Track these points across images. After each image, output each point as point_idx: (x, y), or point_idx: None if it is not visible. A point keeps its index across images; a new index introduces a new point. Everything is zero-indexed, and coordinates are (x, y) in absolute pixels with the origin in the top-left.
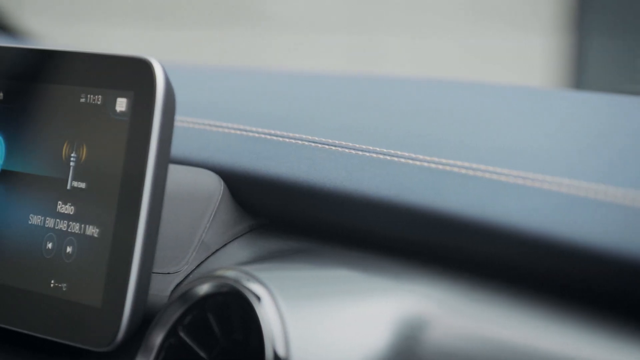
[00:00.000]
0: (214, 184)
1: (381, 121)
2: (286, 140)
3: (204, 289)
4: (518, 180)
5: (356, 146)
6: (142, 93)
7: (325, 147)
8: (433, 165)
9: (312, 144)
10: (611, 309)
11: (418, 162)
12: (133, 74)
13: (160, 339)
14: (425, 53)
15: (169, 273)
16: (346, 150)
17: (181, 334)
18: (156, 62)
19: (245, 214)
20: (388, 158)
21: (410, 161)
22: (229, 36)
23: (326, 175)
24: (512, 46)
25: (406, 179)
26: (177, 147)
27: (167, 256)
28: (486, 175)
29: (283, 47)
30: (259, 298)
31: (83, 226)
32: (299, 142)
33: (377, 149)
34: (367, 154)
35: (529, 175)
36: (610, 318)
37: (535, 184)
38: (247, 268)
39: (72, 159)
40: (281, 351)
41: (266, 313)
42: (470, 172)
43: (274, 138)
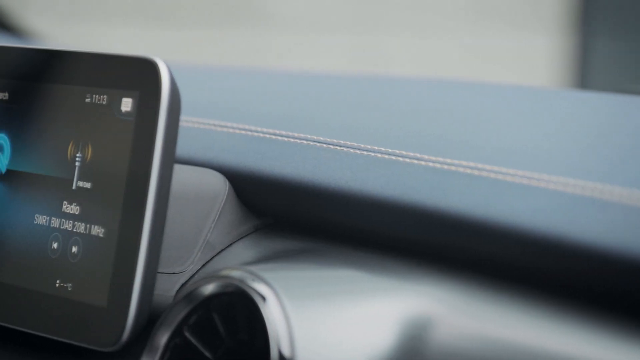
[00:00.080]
0: (219, 184)
1: (386, 121)
2: (291, 140)
3: (209, 289)
4: (523, 180)
5: (361, 146)
6: (148, 93)
7: (330, 147)
8: (438, 165)
9: (317, 144)
10: (617, 309)
11: (423, 162)
12: (138, 74)
13: (165, 339)
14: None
15: (174, 273)
16: (351, 150)
17: (186, 334)
18: (161, 62)
19: (250, 214)
20: (393, 158)
21: (415, 161)
22: (232, 36)
23: (331, 175)
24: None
25: (411, 179)
26: (182, 147)
27: (172, 256)
28: (491, 175)
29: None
30: (264, 298)
31: (88, 226)
32: (304, 142)
33: (382, 149)
34: (372, 154)
35: (534, 175)
36: (616, 318)
37: (540, 184)
38: (252, 268)
39: (78, 159)
40: (286, 351)
41: (271, 313)
42: (475, 172)
43: (279, 138)
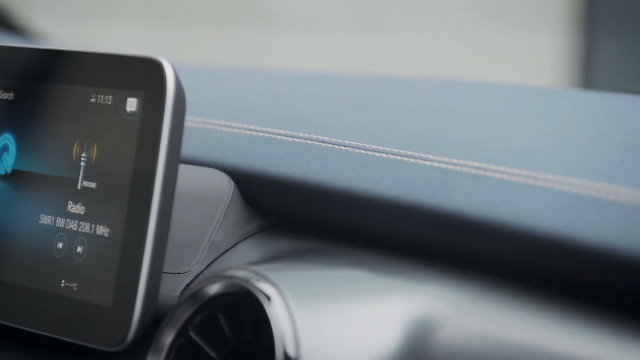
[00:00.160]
0: (224, 184)
1: (391, 121)
2: (296, 140)
3: (214, 289)
4: (529, 180)
5: (366, 146)
6: (153, 93)
7: (335, 147)
8: (443, 165)
9: (322, 144)
10: (623, 309)
11: (428, 162)
12: (143, 74)
13: (170, 339)
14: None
15: (179, 273)
16: (356, 150)
17: (191, 334)
18: (167, 62)
19: (255, 214)
20: (398, 158)
21: (420, 161)
22: (235, 36)
23: (336, 175)
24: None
25: (416, 179)
26: (187, 147)
27: (177, 256)
28: (496, 175)
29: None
30: (269, 298)
31: (93, 226)
32: (309, 142)
33: (387, 149)
34: (377, 154)
35: (540, 175)
36: (622, 318)
37: (546, 184)
38: (257, 268)
39: (83, 159)
40: (291, 351)
41: (276, 313)
42: (480, 172)
43: (284, 138)
